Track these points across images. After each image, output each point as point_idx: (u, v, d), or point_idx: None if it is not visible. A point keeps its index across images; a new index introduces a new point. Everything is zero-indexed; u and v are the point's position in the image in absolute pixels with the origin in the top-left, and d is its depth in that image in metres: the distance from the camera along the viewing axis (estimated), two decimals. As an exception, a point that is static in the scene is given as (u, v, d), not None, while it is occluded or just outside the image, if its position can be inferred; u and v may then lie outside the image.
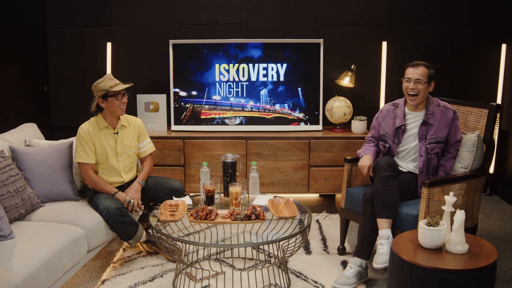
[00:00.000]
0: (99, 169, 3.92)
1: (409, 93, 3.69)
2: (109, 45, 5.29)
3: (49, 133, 5.34)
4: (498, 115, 3.74)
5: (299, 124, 5.08)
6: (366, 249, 3.58)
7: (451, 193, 3.00)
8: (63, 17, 5.30)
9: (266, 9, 5.25)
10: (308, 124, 5.06)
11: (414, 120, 3.75)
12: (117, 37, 5.31)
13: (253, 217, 3.32)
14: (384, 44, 5.25)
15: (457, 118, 3.71)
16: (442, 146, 3.69)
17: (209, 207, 3.51)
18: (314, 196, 5.48)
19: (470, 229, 3.65)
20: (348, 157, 4.03)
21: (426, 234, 2.90)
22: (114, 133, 3.94)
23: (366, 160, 3.78)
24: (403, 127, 3.76)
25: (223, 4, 5.24)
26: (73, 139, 4.09)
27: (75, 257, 3.30)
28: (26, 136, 4.05)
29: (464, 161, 3.66)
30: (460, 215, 2.87)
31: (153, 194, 3.99)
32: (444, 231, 2.91)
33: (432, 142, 3.68)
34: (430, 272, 2.73)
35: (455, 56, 5.32)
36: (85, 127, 3.87)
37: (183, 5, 5.26)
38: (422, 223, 2.93)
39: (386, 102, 5.26)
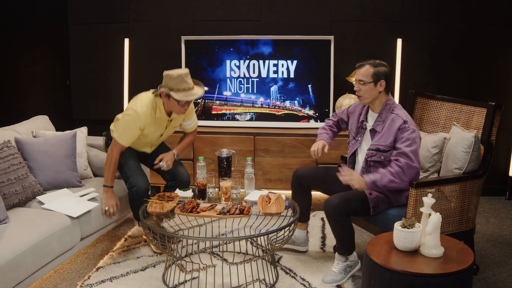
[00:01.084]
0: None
1: (356, 94, 3.52)
2: (126, 41, 5.44)
3: (70, 126, 5.53)
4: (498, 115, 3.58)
5: (309, 121, 5.07)
6: (346, 247, 3.54)
7: (429, 195, 2.94)
8: (83, 14, 5.50)
9: (280, 6, 5.26)
10: (318, 121, 5.04)
11: (372, 121, 3.55)
12: (134, 33, 5.46)
13: (237, 211, 3.37)
14: (399, 41, 5.15)
15: (405, 130, 3.34)
16: (385, 156, 3.43)
17: (198, 201, 3.60)
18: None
19: (465, 232, 3.56)
20: (346, 156, 4.00)
21: (400, 236, 2.84)
22: (168, 120, 3.91)
23: (318, 144, 3.72)
24: (364, 124, 3.58)
25: (237, 1, 5.29)
26: (77, 130, 4.25)
27: (66, 243, 3.44)
28: (35, 127, 4.24)
29: (459, 161, 3.51)
30: (434, 217, 2.80)
31: (160, 173, 4.07)
32: (419, 233, 2.84)
33: (372, 148, 3.47)
34: (397, 275, 2.67)
35: (474, 54, 5.14)
36: (143, 117, 3.72)
37: (198, 2, 5.35)
38: (397, 225, 2.88)
39: (400, 99, 5.18)
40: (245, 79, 5.09)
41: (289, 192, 4.04)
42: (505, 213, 4.94)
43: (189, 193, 3.79)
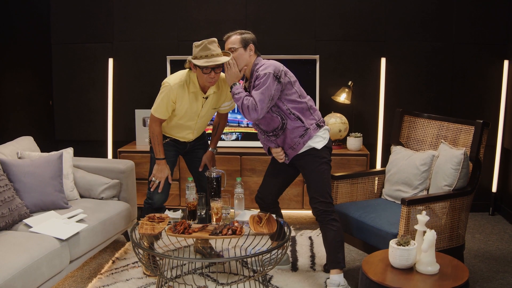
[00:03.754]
0: (171, 123, 3.88)
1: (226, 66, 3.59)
2: (111, 61, 5.42)
3: (53, 146, 5.48)
4: (485, 132, 3.63)
5: (295, 140, 5.06)
6: (338, 255, 3.55)
7: (424, 212, 2.97)
8: (67, 34, 5.46)
9: (265, 26, 5.30)
10: (305, 140, 5.03)
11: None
12: (119, 53, 5.45)
13: (229, 232, 3.34)
14: (383, 60, 5.22)
15: (258, 77, 3.46)
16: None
17: (189, 222, 3.57)
18: (309, 212, 5.45)
19: (456, 249, 3.59)
20: (335, 174, 4.03)
21: (395, 253, 2.86)
22: (203, 97, 3.78)
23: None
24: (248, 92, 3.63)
25: (222, 21, 5.31)
26: (63, 151, 4.20)
27: (56, 267, 3.37)
28: (20, 148, 4.17)
29: (449, 178, 3.56)
30: (430, 235, 2.83)
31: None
32: (414, 251, 2.86)
33: None
34: (395, 292, 2.68)
35: (456, 72, 5.25)
36: (175, 88, 3.66)
37: (182, 22, 5.36)
38: (392, 242, 2.89)
39: (385, 118, 5.24)
40: (231, 99, 5.07)
41: (282, 212, 4.04)
42: (489, 228, 5.00)
43: (178, 214, 3.77)
